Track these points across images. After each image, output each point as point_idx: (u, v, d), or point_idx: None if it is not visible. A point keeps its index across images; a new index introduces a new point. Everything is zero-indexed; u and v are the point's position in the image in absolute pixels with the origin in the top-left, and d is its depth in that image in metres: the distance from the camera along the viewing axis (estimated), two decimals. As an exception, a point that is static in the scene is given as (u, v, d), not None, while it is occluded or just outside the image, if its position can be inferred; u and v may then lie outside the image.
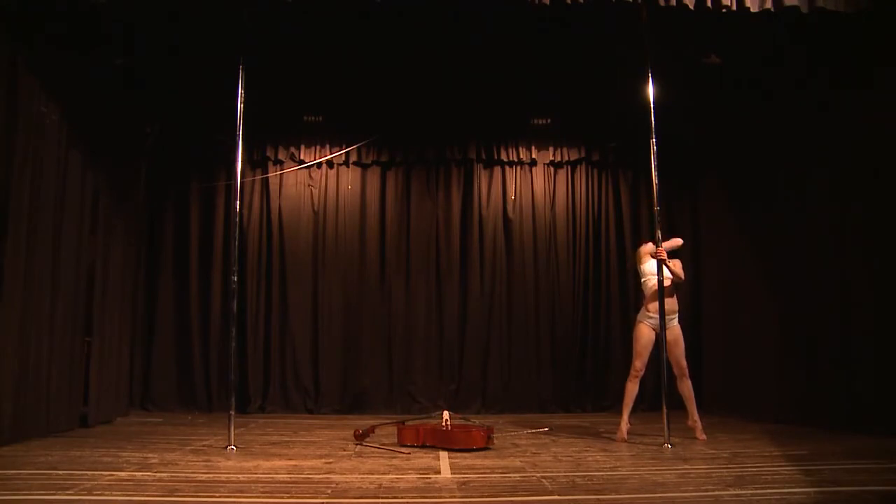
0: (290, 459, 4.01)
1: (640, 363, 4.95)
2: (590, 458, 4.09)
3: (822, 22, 4.68)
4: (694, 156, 7.29)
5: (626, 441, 4.79)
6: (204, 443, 4.66)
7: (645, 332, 4.94)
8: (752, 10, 4.53)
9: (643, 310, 5.01)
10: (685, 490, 3.12)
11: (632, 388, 4.96)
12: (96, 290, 5.62)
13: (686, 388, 4.92)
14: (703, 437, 4.81)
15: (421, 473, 3.58)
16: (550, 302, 7.35)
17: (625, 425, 4.87)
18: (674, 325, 4.93)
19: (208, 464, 3.82)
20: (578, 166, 7.63)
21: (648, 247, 5.05)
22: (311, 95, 6.84)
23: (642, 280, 5.09)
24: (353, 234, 7.39)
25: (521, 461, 3.99)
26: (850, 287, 5.20)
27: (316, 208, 7.41)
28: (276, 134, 7.34)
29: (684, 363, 4.92)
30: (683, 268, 7.52)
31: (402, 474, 3.56)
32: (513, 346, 7.27)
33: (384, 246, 7.41)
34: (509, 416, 6.62)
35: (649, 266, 5.00)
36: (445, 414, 4.88)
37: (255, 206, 7.35)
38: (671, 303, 4.91)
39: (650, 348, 4.93)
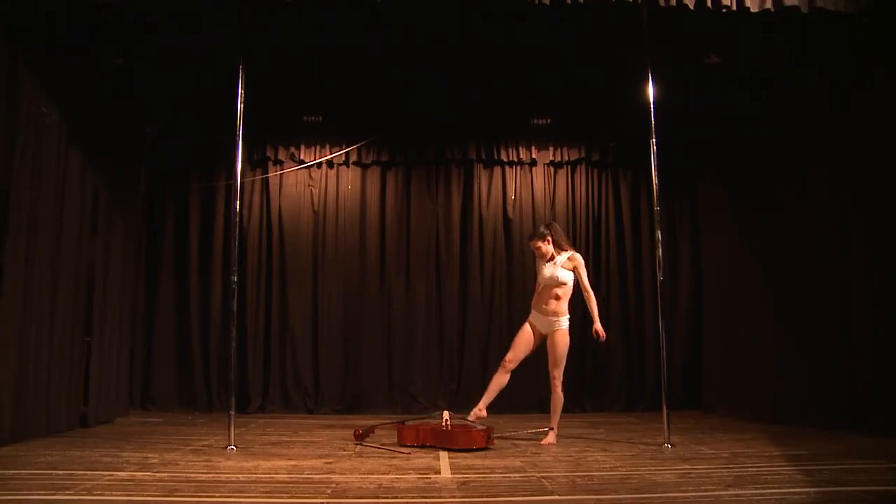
0: (290, 459, 4.01)
1: (510, 355, 4.88)
2: (590, 458, 4.09)
3: (823, 22, 4.68)
4: (694, 156, 7.29)
5: (477, 419, 4.75)
6: (204, 443, 4.66)
7: (524, 327, 4.90)
8: (752, 10, 4.53)
9: (532, 308, 4.95)
10: (685, 490, 3.12)
11: (497, 378, 4.91)
12: (96, 290, 5.62)
13: (552, 397, 4.77)
14: (546, 442, 4.69)
15: (421, 473, 3.58)
16: (550, 302, 7.34)
17: (478, 410, 4.83)
18: (556, 328, 4.77)
19: (208, 464, 3.82)
20: (578, 166, 7.63)
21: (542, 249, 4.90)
22: (311, 95, 6.84)
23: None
24: (353, 234, 7.39)
25: (521, 461, 3.99)
26: (850, 287, 5.21)
27: (316, 208, 7.41)
28: (276, 134, 7.34)
29: (553, 373, 4.74)
30: (684, 267, 7.55)
31: (402, 474, 3.56)
32: (513, 346, 7.26)
33: (384, 246, 7.41)
34: (509, 416, 6.61)
35: (545, 269, 4.87)
36: (445, 414, 4.88)
37: (255, 206, 7.35)
38: (555, 304, 4.78)
39: (525, 343, 4.85)
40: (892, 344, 4.75)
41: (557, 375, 4.76)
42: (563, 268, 4.82)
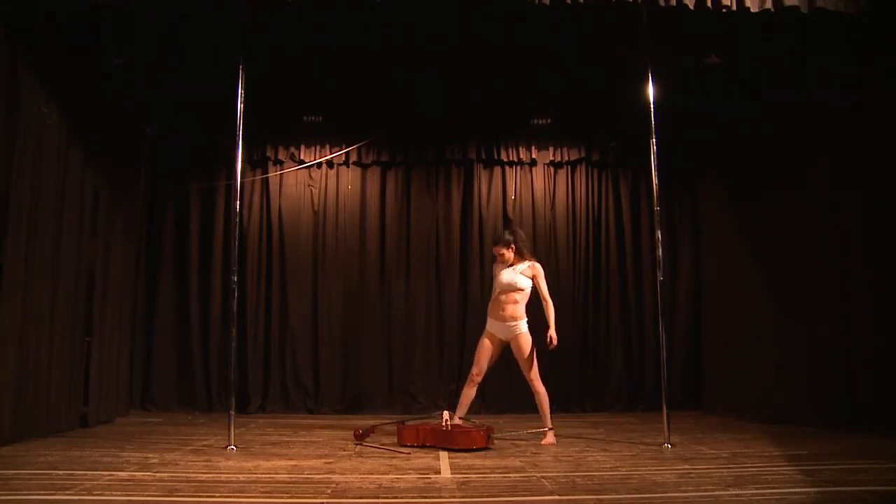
0: (290, 459, 4.01)
1: (475, 369, 4.91)
2: (590, 458, 4.10)
3: (823, 22, 4.68)
4: (694, 156, 7.29)
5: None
6: (204, 443, 4.66)
7: (482, 341, 4.93)
8: (752, 10, 4.53)
9: (488, 317, 4.97)
10: (685, 490, 3.12)
11: (465, 391, 4.94)
12: (96, 290, 5.62)
13: (536, 398, 4.82)
14: (546, 442, 4.71)
15: (421, 473, 3.58)
16: (550, 302, 7.34)
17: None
18: (517, 332, 4.81)
19: (208, 464, 3.83)
20: (578, 166, 7.63)
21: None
22: (311, 95, 6.84)
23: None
24: (353, 234, 7.39)
25: (521, 461, 3.99)
26: (850, 287, 5.21)
27: (316, 208, 7.41)
28: (276, 134, 7.34)
29: (528, 375, 4.78)
30: (684, 267, 7.55)
31: (402, 474, 3.57)
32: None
33: (384, 246, 7.41)
34: (509, 416, 6.61)
35: (504, 274, 4.91)
36: (445, 414, 4.88)
37: (255, 206, 7.35)
38: (513, 309, 4.83)
39: (488, 355, 4.88)
40: (892, 344, 4.75)
41: (534, 376, 4.79)
42: (523, 275, 4.87)
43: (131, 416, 6.34)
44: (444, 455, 4.19)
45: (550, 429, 4.78)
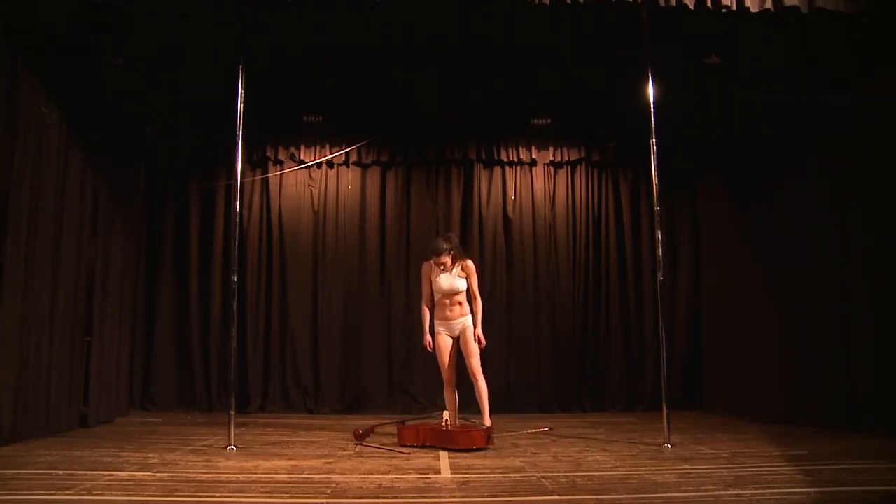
0: (290, 459, 4.01)
1: (446, 374, 4.90)
2: (590, 458, 4.09)
3: (823, 22, 4.68)
4: (694, 156, 7.29)
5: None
6: (204, 443, 4.66)
7: (439, 345, 4.89)
8: (752, 10, 4.53)
9: (434, 319, 4.94)
10: (685, 490, 3.12)
11: (448, 396, 4.95)
12: (96, 290, 5.63)
13: (476, 391, 4.82)
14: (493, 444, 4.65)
15: (421, 473, 3.58)
16: (550, 302, 7.35)
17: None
18: (465, 325, 4.85)
19: (208, 464, 3.83)
20: (578, 166, 7.64)
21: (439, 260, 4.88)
22: (311, 95, 6.85)
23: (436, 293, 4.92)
24: (353, 234, 7.39)
25: (521, 461, 3.99)
26: (850, 286, 5.21)
27: (316, 208, 7.41)
28: (276, 134, 7.35)
29: (473, 366, 4.79)
30: (684, 267, 7.54)
31: (402, 474, 3.57)
32: (513, 346, 7.27)
33: (384, 246, 7.41)
34: (509, 416, 6.61)
35: (442, 279, 4.86)
36: (445, 414, 4.88)
37: (255, 206, 7.36)
38: (459, 308, 4.85)
39: (451, 356, 4.87)
40: (892, 344, 4.75)
41: (477, 367, 4.80)
42: (459, 277, 4.87)
43: (131, 416, 6.34)
44: (444, 455, 4.19)
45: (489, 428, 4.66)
